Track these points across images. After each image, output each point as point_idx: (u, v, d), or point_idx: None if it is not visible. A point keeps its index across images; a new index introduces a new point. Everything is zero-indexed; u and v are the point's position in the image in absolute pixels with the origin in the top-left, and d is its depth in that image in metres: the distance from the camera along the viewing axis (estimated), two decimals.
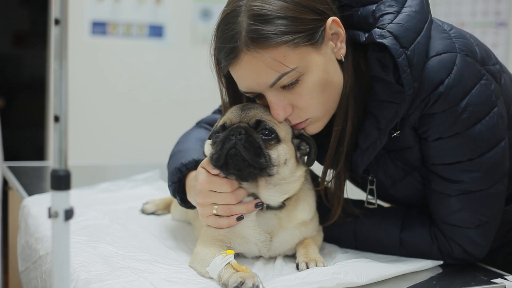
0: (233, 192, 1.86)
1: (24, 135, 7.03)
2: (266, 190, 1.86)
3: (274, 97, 1.83)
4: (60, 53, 1.35)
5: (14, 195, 2.92)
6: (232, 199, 1.86)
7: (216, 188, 1.86)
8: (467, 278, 1.92)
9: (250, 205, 1.87)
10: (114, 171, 3.60)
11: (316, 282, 1.65)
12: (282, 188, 1.87)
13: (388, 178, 2.03)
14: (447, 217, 1.94)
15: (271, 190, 1.87)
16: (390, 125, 1.86)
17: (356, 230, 2.06)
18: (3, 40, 7.29)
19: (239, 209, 1.87)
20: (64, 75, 1.35)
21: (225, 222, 1.88)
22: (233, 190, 1.86)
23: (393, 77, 1.81)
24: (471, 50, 1.88)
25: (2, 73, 7.05)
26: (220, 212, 1.87)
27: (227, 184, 1.86)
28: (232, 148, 1.79)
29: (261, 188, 1.86)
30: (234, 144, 1.79)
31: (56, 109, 1.36)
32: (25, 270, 2.24)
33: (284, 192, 1.88)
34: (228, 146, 1.79)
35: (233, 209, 1.87)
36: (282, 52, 1.75)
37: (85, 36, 5.37)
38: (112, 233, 2.14)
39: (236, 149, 1.79)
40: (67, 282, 1.39)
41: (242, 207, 1.87)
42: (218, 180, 1.86)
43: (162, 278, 1.72)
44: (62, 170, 1.36)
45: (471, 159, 1.87)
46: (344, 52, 1.86)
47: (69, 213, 1.36)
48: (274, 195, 1.88)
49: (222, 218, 1.88)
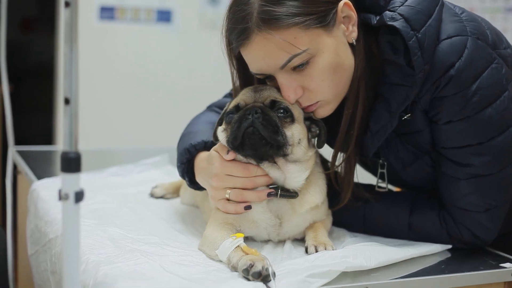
0: (251, 178, 1.86)
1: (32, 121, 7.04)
2: (289, 171, 1.86)
3: (285, 79, 1.83)
4: (70, 35, 1.34)
5: (22, 180, 2.93)
6: (249, 184, 1.86)
7: (233, 172, 1.86)
8: (476, 263, 1.92)
9: (263, 193, 1.87)
10: (123, 156, 3.60)
11: (325, 266, 1.65)
12: (302, 166, 1.87)
13: (398, 162, 2.02)
14: (456, 201, 1.94)
15: (293, 169, 1.86)
16: (401, 108, 1.86)
17: (365, 214, 2.06)
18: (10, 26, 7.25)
19: (251, 196, 1.87)
20: (74, 57, 1.35)
21: (232, 208, 1.88)
22: (251, 175, 1.86)
23: (404, 60, 1.81)
24: (482, 34, 1.87)
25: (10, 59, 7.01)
26: (232, 196, 1.87)
27: (246, 169, 1.86)
28: (249, 126, 1.79)
29: (283, 169, 1.86)
30: (251, 123, 1.79)
31: (66, 91, 1.35)
32: (35, 253, 2.25)
33: (305, 168, 1.88)
34: (246, 124, 1.79)
35: (245, 195, 1.86)
36: (293, 34, 1.75)
37: (93, 21, 5.36)
38: (121, 217, 2.15)
39: (254, 128, 1.78)
40: (77, 264, 1.39)
41: (255, 194, 1.87)
42: (236, 165, 1.86)
43: (171, 261, 1.73)
44: (72, 152, 1.36)
45: (481, 143, 1.87)
46: (355, 36, 1.86)
47: (79, 195, 1.36)
48: (298, 174, 1.88)
49: (231, 203, 1.88)
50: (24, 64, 7.46)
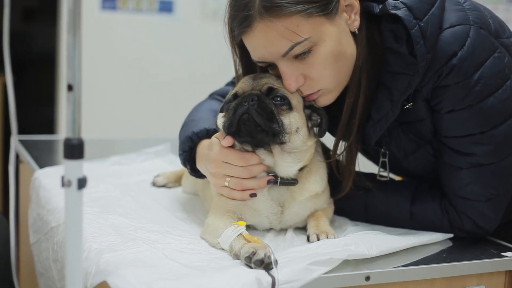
0: (247, 167, 1.86)
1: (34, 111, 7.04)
2: (282, 160, 1.87)
3: (287, 67, 1.83)
4: (73, 21, 1.34)
5: (24, 169, 2.93)
6: (244, 173, 1.86)
7: (230, 160, 1.86)
8: (477, 252, 1.93)
9: (262, 181, 1.87)
10: (125, 145, 3.60)
11: (327, 253, 1.65)
12: (296, 157, 1.87)
13: (400, 151, 2.03)
14: (458, 190, 1.95)
15: (287, 159, 1.87)
16: (403, 96, 1.86)
17: (367, 203, 2.06)
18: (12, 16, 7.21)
19: (251, 184, 1.87)
20: (77, 44, 1.35)
21: (238, 194, 1.88)
22: (247, 164, 1.86)
23: (406, 49, 1.81)
24: (484, 23, 1.86)
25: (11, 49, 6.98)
26: (232, 185, 1.87)
27: (242, 158, 1.86)
28: (244, 113, 1.79)
29: (276, 157, 1.86)
30: (246, 110, 1.79)
31: (70, 77, 1.35)
32: (37, 242, 2.25)
33: (299, 160, 1.88)
34: (241, 111, 1.80)
35: (245, 183, 1.87)
36: (295, 22, 1.74)
37: (95, 11, 5.35)
38: (123, 205, 2.15)
39: (249, 114, 1.79)
40: (80, 250, 1.39)
41: (254, 182, 1.87)
42: (233, 153, 1.87)
43: (173, 248, 1.73)
44: (75, 139, 1.36)
45: (483, 132, 1.87)
46: (357, 24, 1.86)
47: (82, 182, 1.36)
48: (290, 164, 1.88)
49: (236, 190, 1.88)
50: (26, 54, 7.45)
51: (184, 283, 1.47)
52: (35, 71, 7.48)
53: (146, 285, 1.43)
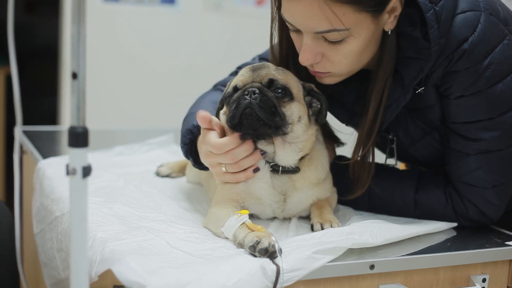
0: (229, 152, 1.84)
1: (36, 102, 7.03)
2: (283, 150, 1.87)
3: (311, 41, 1.83)
4: (78, 9, 1.34)
5: (28, 159, 2.93)
6: (229, 159, 1.84)
7: (211, 149, 1.86)
8: (481, 241, 1.93)
9: (256, 154, 1.87)
10: (128, 136, 3.60)
11: (331, 242, 1.65)
12: (297, 147, 1.88)
13: (407, 137, 2.03)
14: (464, 176, 1.95)
15: (287, 150, 1.87)
16: (414, 81, 1.87)
17: (370, 191, 2.06)
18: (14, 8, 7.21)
19: (247, 162, 1.87)
20: (82, 32, 1.35)
21: (242, 176, 1.88)
22: (223, 152, 1.84)
23: (420, 33, 1.81)
24: (494, 10, 1.87)
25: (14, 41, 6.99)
26: (229, 169, 1.87)
27: (216, 146, 1.84)
28: (247, 107, 1.79)
29: (277, 147, 1.86)
30: (249, 104, 1.79)
31: (74, 66, 1.35)
32: (41, 231, 2.26)
33: (299, 150, 1.88)
34: (243, 105, 1.79)
35: (241, 163, 1.86)
36: (344, 10, 1.73)
37: (98, 2, 5.34)
38: (127, 195, 2.15)
39: (251, 109, 1.78)
40: (85, 238, 1.39)
41: (249, 159, 1.86)
42: (210, 142, 1.85)
43: (178, 237, 1.74)
44: (80, 127, 1.36)
45: (491, 118, 1.87)
46: (392, 27, 1.86)
47: (87, 170, 1.36)
48: (290, 154, 1.88)
49: (238, 172, 1.88)
50: (28, 45, 7.44)
51: (188, 271, 1.47)
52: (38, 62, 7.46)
53: (150, 273, 1.43)
